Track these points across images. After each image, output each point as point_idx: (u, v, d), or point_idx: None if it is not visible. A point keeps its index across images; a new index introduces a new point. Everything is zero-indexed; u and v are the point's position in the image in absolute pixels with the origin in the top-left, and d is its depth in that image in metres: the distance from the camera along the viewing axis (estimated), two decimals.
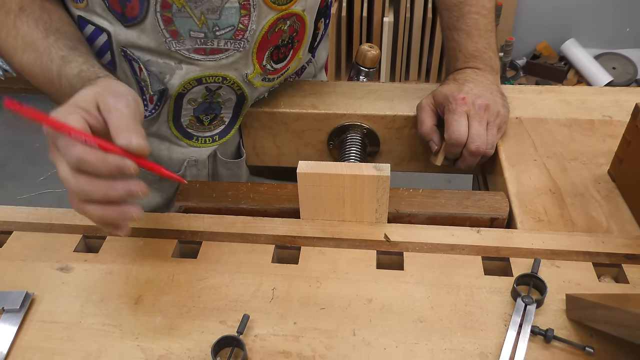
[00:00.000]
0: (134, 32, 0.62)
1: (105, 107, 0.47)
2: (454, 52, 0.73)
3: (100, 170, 0.44)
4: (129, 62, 0.66)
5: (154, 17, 0.60)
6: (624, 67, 2.43)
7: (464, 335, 0.48)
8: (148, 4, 0.59)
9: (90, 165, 0.44)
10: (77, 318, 0.51)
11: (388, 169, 0.56)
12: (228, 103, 0.72)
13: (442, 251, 0.56)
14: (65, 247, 0.58)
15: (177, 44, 0.63)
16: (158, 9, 0.60)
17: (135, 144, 0.45)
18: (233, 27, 0.62)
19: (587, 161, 0.66)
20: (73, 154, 0.44)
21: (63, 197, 2.07)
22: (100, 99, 0.47)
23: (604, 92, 0.78)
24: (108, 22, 0.62)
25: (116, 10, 0.61)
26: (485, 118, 0.66)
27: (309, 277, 0.54)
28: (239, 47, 0.65)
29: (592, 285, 0.52)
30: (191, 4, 0.59)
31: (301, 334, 0.49)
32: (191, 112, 0.71)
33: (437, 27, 2.25)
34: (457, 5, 0.72)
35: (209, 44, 0.63)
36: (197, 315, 0.50)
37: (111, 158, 0.44)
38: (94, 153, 0.44)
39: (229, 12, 0.61)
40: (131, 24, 0.62)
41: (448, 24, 0.74)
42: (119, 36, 0.63)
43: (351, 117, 0.76)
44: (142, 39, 0.62)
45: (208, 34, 0.62)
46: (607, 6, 2.39)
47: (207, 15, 0.61)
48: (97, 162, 0.44)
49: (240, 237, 0.58)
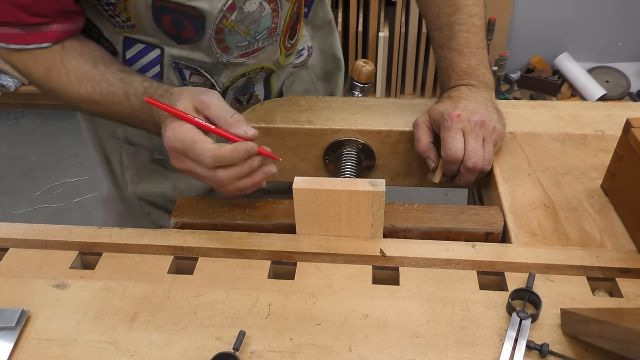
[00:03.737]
0: (187, 48, 0.70)
1: (203, 105, 0.56)
2: (447, 70, 0.74)
3: (235, 158, 0.54)
4: (178, 71, 0.74)
5: (209, 41, 0.69)
6: (617, 80, 2.46)
7: (460, 350, 0.48)
8: (203, 31, 0.67)
9: (227, 158, 0.54)
10: (73, 335, 0.51)
11: (383, 185, 0.56)
12: (259, 80, 0.82)
13: (438, 266, 0.57)
14: (62, 263, 0.58)
15: (227, 55, 0.72)
16: (213, 35, 0.68)
17: (252, 133, 0.55)
18: (268, 28, 0.72)
19: (580, 175, 0.67)
20: (209, 154, 0.54)
21: (59, 212, 2.06)
22: (196, 103, 0.56)
23: (596, 106, 0.79)
24: (160, 40, 0.70)
25: (171, 33, 0.68)
26: (481, 134, 0.67)
27: (305, 293, 0.54)
28: (272, 42, 0.74)
29: (587, 300, 0.52)
30: (239, 23, 0.68)
31: (297, 350, 0.49)
32: (232, 96, 0.81)
33: None
34: (448, 24, 0.73)
35: (251, 47, 0.73)
36: (193, 332, 0.50)
37: (239, 146, 0.54)
38: (224, 147, 0.54)
39: (265, 18, 0.70)
40: (185, 43, 0.70)
41: (439, 43, 0.75)
42: (173, 51, 0.71)
43: (347, 132, 0.77)
44: (196, 55, 0.71)
45: (251, 41, 0.71)
46: (600, 20, 2.42)
47: (249, 27, 0.69)
48: (230, 153, 0.54)
49: (237, 253, 0.59)
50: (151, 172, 0.84)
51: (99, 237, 0.60)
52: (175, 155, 0.56)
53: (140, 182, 0.86)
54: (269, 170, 0.58)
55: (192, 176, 0.58)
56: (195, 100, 0.56)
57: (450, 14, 0.73)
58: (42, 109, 2.60)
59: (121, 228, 0.62)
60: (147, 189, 0.86)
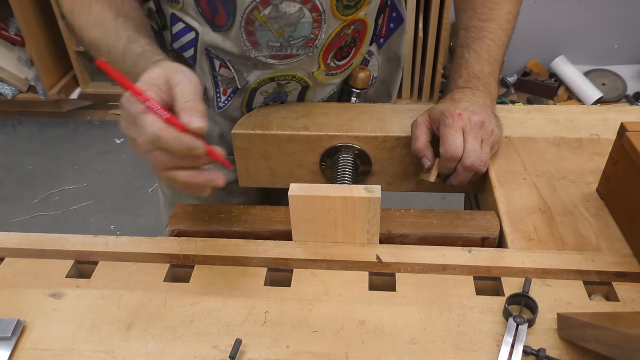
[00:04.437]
0: (220, 36, 0.71)
1: (173, 82, 0.52)
2: (460, 68, 0.75)
3: (174, 148, 0.49)
4: (209, 60, 0.75)
5: (238, 30, 0.68)
6: (613, 83, 2.46)
7: (457, 356, 0.48)
8: (234, 18, 0.67)
9: (165, 143, 0.49)
10: (68, 345, 0.50)
11: (379, 191, 0.56)
12: (294, 92, 0.82)
13: (434, 271, 0.57)
14: (57, 272, 0.58)
15: (256, 51, 0.71)
16: (242, 24, 0.68)
17: (195, 126, 0.49)
18: (305, 37, 0.71)
19: (576, 179, 0.67)
20: (150, 130, 0.49)
21: (57, 219, 2.06)
22: (170, 76, 0.53)
23: (591, 110, 0.79)
24: (198, 23, 0.71)
25: (207, 16, 0.69)
26: (480, 135, 0.67)
27: (301, 300, 0.54)
28: (308, 52, 0.73)
29: (583, 304, 0.52)
30: (271, 20, 0.67)
31: (294, 358, 0.49)
32: (261, 100, 0.81)
33: (428, 46, 2.28)
34: (477, 28, 0.76)
35: (283, 51, 0.72)
36: (189, 341, 0.50)
37: (184, 138, 0.49)
38: (169, 131, 0.49)
39: (303, 25, 0.69)
40: (218, 30, 0.70)
41: (462, 42, 0.77)
42: (206, 37, 0.71)
43: (343, 138, 0.77)
44: (226, 44, 0.71)
45: (283, 43, 0.71)
46: (596, 24, 2.43)
47: (284, 29, 0.69)
48: (171, 140, 0.49)
49: (233, 260, 0.59)
50: None
51: (95, 245, 0.60)
52: (125, 116, 0.52)
53: None
54: (213, 178, 0.52)
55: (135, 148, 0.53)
56: (169, 74, 0.53)
57: (484, 20, 0.76)
58: (39, 117, 2.60)
59: (117, 236, 0.62)
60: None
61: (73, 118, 2.61)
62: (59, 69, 2.53)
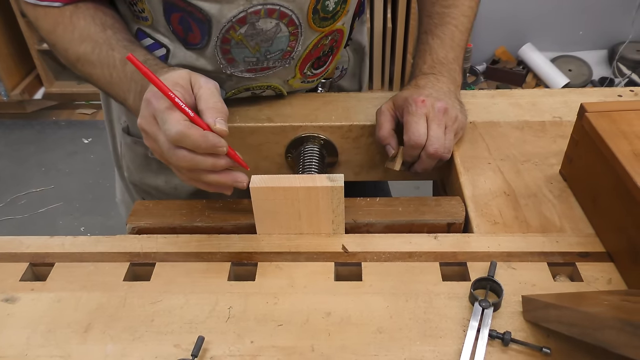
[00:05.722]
0: (193, 54, 0.68)
1: (198, 84, 0.54)
2: (424, 54, 0.75)
3: (201, 145, 0.50)
4: None
5: (213, 49, 0.67)
6: (579, 68, 2.51)
7: (424, 343, 0.48)
8: (209, 38, 0.65)
9: (191, 141, 0.50)
10: (23, 351, 0.48)
11: (342, 180, 0.55)
12: (268, 97, 0.80)
13: (400, 259, 0.56)
14: (11, 276, 0.56)
15: (232, 68, 0.70)
16: (218, 43, 0.66)
17: (219, 127, 0.51)
18: (282, 50, 0.69)
19: (540, 162, 0.67)
20: (176, 128, 0.49)
21: (24, 223, 2.01)
22: (194, 78, 0.54)
23: (553, 93, 0.80)
24: (169, 40, 0.68)
25: (179, 34, 0.67)
26: (443, 121, 0.67)
27: (266, 294, 0.53)
28: (285, 64, 0.72)
29: (548, 285, 0.52)
30: (248, 38, 0.66)
31: (258, 353, 0.47)
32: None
33: (398, 37, 2.28)
34: (440, 14, 0.75)
35: (259, 65, 0.70)
36: (149, 340, 0.49)
37: (210, 136, 0.50)
38: (195, 129, 0.50)
39: (279, 39, 0.67)
40: (191, 48, 0.68)
41: (426, 28, 0.76)
42: (178, 54, 0.69)
43: (308, 128, 0.76)
44: (200, 62, 0.69)
45: (260, 58, 0.69)
46: (561, 11, 2.46)
47: (260, 45, 0.67)
48: (198, 138, 0.50)
49: (196, 256, 0.57)
50: (146, 164, 0.82)
51: (50, 247, 0.58)
52: (146, 113, 0.53)
53: (134, 172, 0.85)
54: (239, 178, 0.54)
55: (150, 146, 0.54)
56: (194, 77, 0.55)
57: (446, 6, 0.75)
58: (2, 118, 2.53)
59: (74, 237, 0.59)
60: (140, 179, 0.85)
61: (38, 119, 2.54)
62: (21, 69, 2.46)
